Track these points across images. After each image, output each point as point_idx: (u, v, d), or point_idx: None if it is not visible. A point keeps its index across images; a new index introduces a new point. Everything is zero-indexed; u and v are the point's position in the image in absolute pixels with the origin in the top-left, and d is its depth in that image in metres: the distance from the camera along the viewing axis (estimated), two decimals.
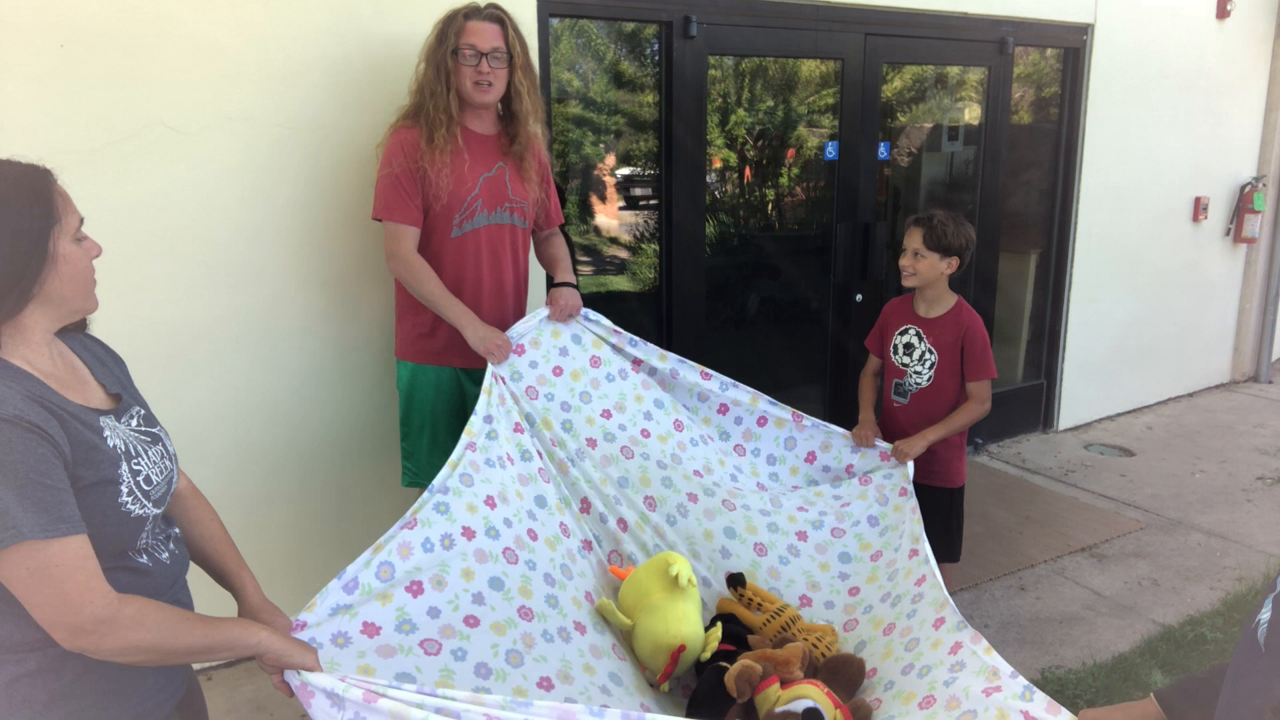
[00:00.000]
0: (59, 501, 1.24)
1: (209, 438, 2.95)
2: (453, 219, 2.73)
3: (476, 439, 2.37)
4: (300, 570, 3.14)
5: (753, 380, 3.06)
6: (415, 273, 2.68)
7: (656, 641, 2.28)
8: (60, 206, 1.33)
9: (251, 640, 1.43)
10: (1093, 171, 5.15)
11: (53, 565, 1.22)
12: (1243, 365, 6.39)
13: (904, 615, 2.30)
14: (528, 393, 2.67)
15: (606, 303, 4.02)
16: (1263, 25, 5.79)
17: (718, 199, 4.27)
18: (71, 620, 1.23)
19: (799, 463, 2.95)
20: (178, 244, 2.80)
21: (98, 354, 1.50)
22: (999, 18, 4.62)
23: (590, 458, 2.68)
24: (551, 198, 3.01)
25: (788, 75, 4.30)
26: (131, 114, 2.67)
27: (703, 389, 2.92)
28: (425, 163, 2.64)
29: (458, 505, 2.15)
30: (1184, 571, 3.73)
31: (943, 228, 2.82)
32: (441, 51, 2.64)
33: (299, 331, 3.05)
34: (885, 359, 3.05)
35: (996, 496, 4.47)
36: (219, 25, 2.76)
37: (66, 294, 1.35)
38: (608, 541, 2.64)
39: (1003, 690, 1.73)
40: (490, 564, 2.11)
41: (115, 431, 1.39)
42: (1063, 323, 5.31)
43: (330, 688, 1.43)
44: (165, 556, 1.47)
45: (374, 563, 1.89)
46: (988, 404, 2.88)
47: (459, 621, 1.95)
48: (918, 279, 2.89)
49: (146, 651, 1.30)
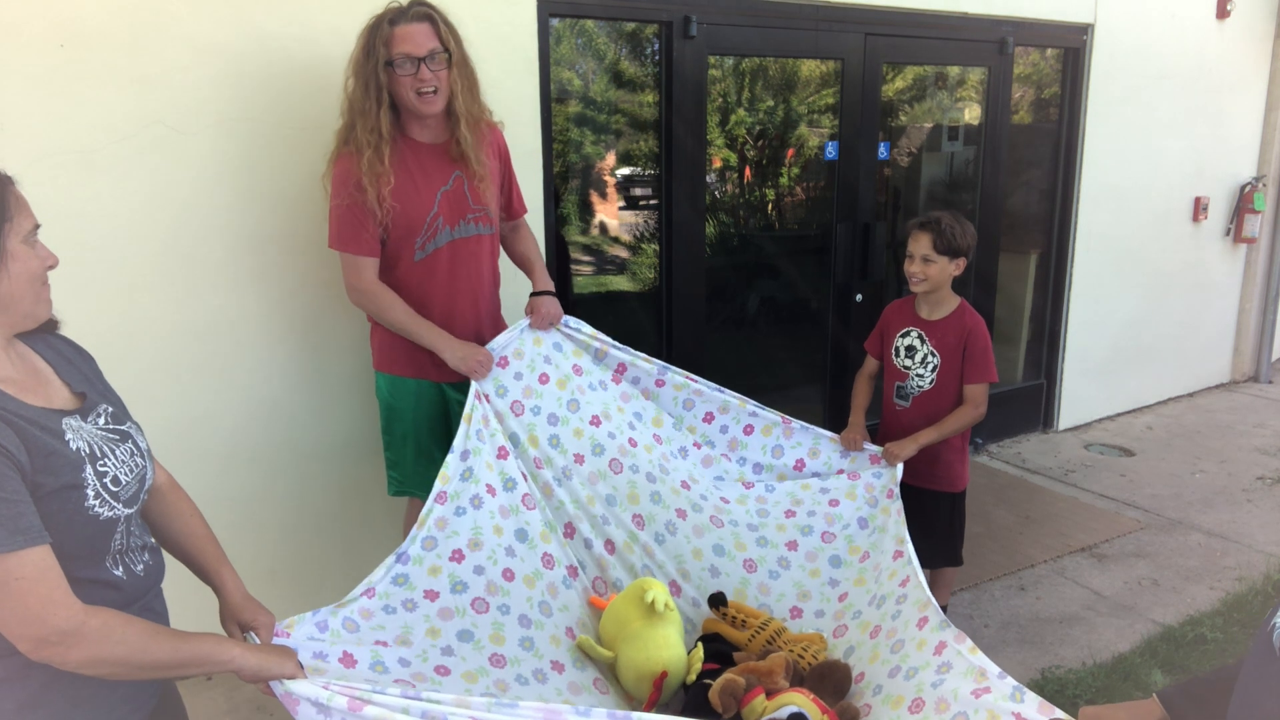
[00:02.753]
0: (16, 514, 1.21)
1: (206, 438, 2.95)
2: (414, 242, 2.58)
3: (450, 484, 2.32)
4: (295, 571, 3.14)
5: (753, 380, 3.06)
6: (379, 302, 2.56)
7: (639, 670, 2.28)
8: (13, 207, 1.31)
9: (224, 657, 1.41)
10: (1093, 171, 5.15)
11: (11, 579, 1.20)
12: (1243, 365, 6.39)
13: (889, 616, 2.30)
14: (513, 408, 2.60)
15: (606, 303, 4.02)
16: (1263, 25, 5.78)
17: (718, 199, 4.27)
18: (35, 633, 1.22)
19: (787, 470, 2.90)
20: (177, 244, 2.80)
21: (63, 352, 1.47)
22: (999, 18, 4.62)
23: (578, 475, 2.62)
24: (513, 188, 2.86)
25: (788, 75, 4.30)
26: (131, 114, 2.67)
27: (690, 392, 2.85)
28: (370, 189, 2.45)
29: (418, 574, 2.13)
30: (1184, 571, 3.73)
31: (951, 230, 2.80)
32: (370, 65, 2.42)
33: (299, 332, 3.05)
34: (886, 361, 3.02)
35: (996, 496, 4.47)
36: (219, 25, 2.75)
37: (15, 295, 1.32)
38: (593, 567, 2.60)
39: (992, 692, 1.73)
40: (456, 619, 2.12)
41: (79, 433, 1.36)
42: (1063, 323, 5.31)
43: (314, 696, 1.42)
44: (140, 568, 1.45)
45: (339, 615, 1.88)
46: (983, 408, 2.85)
47: (430, 670, 1.96)
48: (929, 284, 2.84)
49: (114, 665, 1.28)
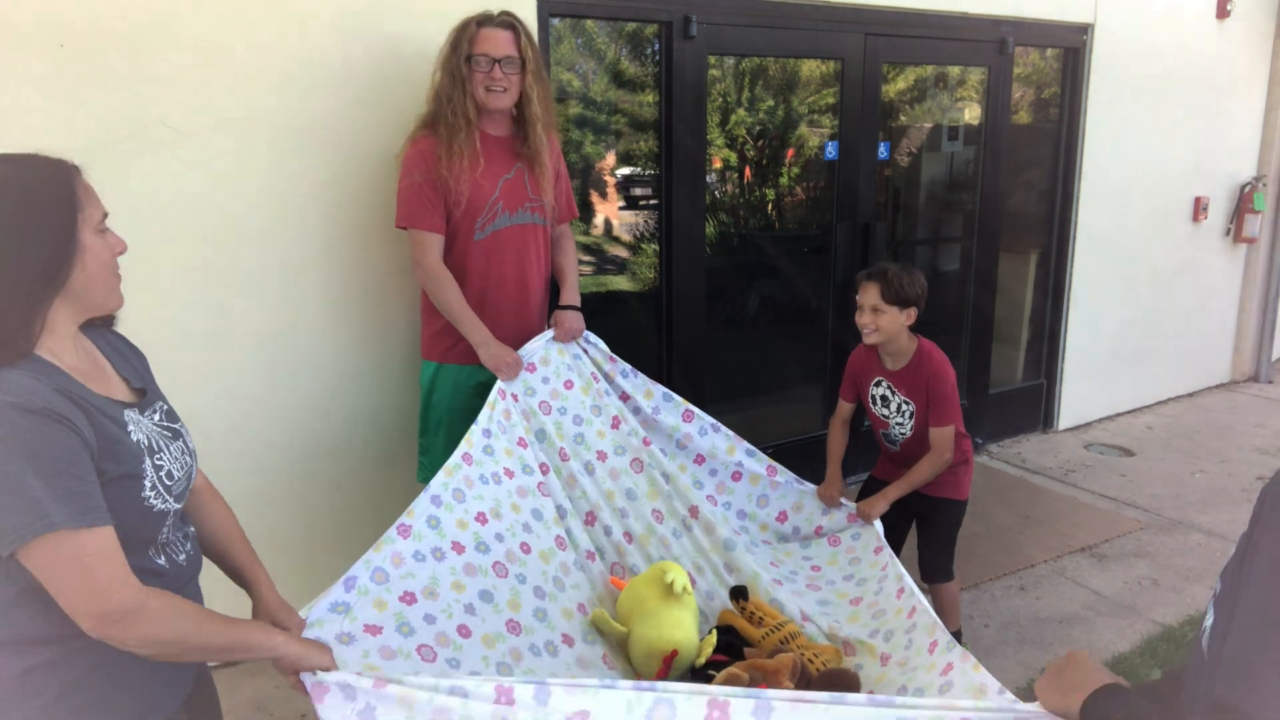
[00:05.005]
0: (87, 492, 1.25)
1: (208, 439, 2.94)
2: (475, 222, 2.79)
3: (473, 451, 2.44)
4: (311, 571, 3.13)
5: (753, 380, 3.06)
6: (439, 283, 2.77)
7: (649, 647, 2.30)
8: (82, 198, 1.33)
9: (270, 644, 1.46)
10: (1093, 171, 5.15)
11: (84, 554, 1.23)
12: (1243, 365, 6.39)
13: (900, 648, 2.30)
14: (541, 407, 2.74)
15: (606, 303, 4.02)
16: (1263, 25, 5.79)
17: (718, 199, 4.27)
18: (100, 608, 1.25)
19: (770, 520, 2.94)
20: (177, 244, 2.80)
21: (119, 348, 1.50)
22: (999, 18, 4.62)
23: (601, 469, 2.75)
24: (564, 192, 3.07)
25: (788, 75, 4.30)
26: (131, 114, 2.67)
27: (682, 435, 2.90)
28: (444, 169, 2.70)
29: (448, 520, 2.22)
30: (1184, 571, 3.73)
31: (899, 281, 2.75)
32: (456, 59, 2.69)
33: (299, 332, 3.05)
34: (867, 409, 3.01)
35: (996, 496, 4.47)
36: (219, 25, 2.76)
37: (89, 287, 1.35)
38: (611, 553, 2.68)
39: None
40: (480, 578, 2.20)
41: (139, 426, 1.40)
42: (1063, 323, 5.31)
43: (344, 681, 1.49)
44: (182, 558, 1.48)
45: (371, 565, 1.96)
46: (948, 454, 2.81)
47: (453, 630, 2.02)
48: (880, 335, 2.80)
49: (168, 645, 1.32)
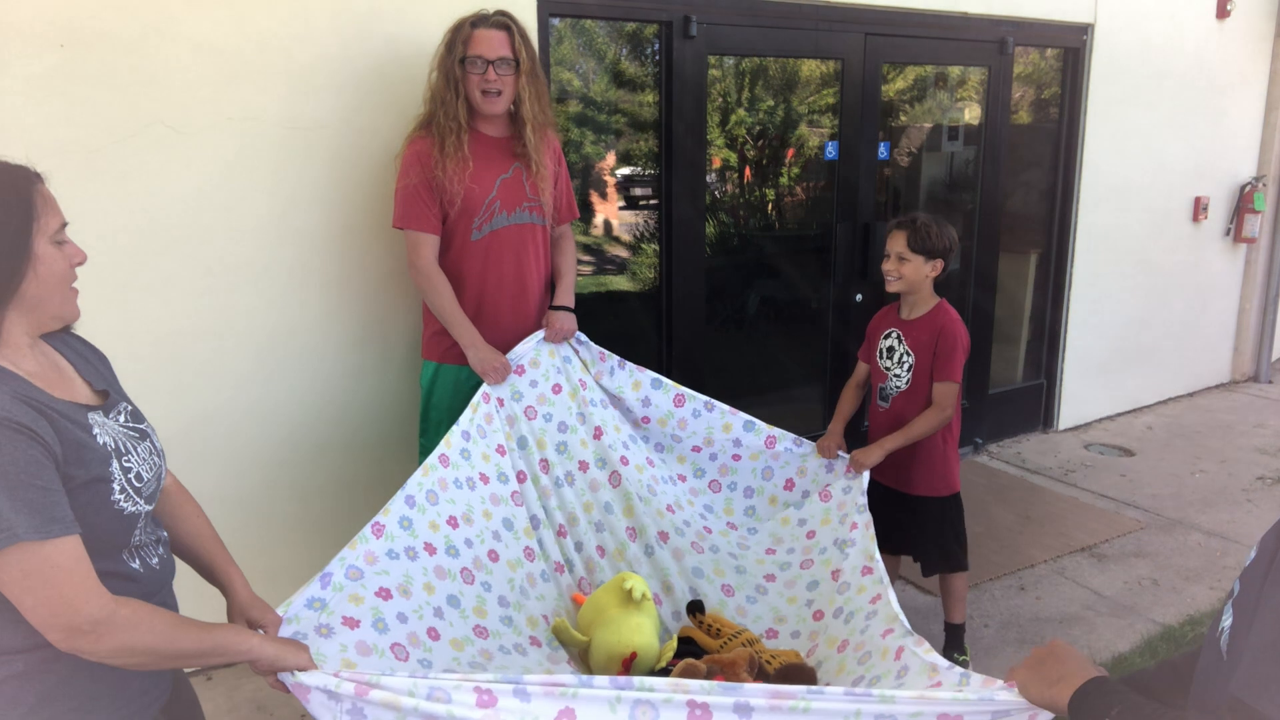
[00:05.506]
0: (52, 502, 1.23)
1: (209, 439, 2.95)
2: (472, 222, 2.79)
3: (451, 453, 2.44)
4: (313, 569, 3.12)
5: (753, 380, 3.06)
6: (432, 285, 2.77)
7: (609, 651, 2.32)
8: (39, 206, 1.30)
9: (244, 646, 1.44)
10: (1093, 171, 5.15)
11: (48, 566, 1.21)
12: (1243, 365, 6.39)
13: (857, 631, 2.30)
14: (527, 413, 2.73)
15: (606, 303, 4.02)
16: (1263, 25, 5.78)
17: (718, 199, 4.27)
18: (68, 621, 1.22)
19: (778, 491, 2.92)
20: (177, 244, 2.80)
21: (80, 351, 1.48)
22: (999, 18, 4.62)
23: (580, 480, 2.74)
24: (565, 194, 3.05)
25: (788, 75, 4.30)
26: (131, 114, 2.67)
27: (676, 422, 2.87)
28: (439, 171, 2.70)
29: (421, 522, 2.23)
30: (1184, 571, 3.73)
31: (926, 230, 2.79)
32: (450, 60, 2.69)
33: (300, 332, 3.05)
34: (872, 365, 3.02)
35: (996, 496, 4.47)
36: (219, 25, 2.76)
37: (43, 296, 1.32)
38: (580, 567, 2.69)
39: (943, 684, 1.73)
40: (448, 582, 2.21)
41: (104, 428, 1.38)
42: (1063, 323, 5.31)
43: (323, 684, 1.47)
44: (155, 561, 1.47)
45: (345, 562, 1.98)
46: (949, 410, 2.80)
47: (423, 632, 2.03)
48: (903, 283, 2.84)
49: (142, 654, 1.29)
